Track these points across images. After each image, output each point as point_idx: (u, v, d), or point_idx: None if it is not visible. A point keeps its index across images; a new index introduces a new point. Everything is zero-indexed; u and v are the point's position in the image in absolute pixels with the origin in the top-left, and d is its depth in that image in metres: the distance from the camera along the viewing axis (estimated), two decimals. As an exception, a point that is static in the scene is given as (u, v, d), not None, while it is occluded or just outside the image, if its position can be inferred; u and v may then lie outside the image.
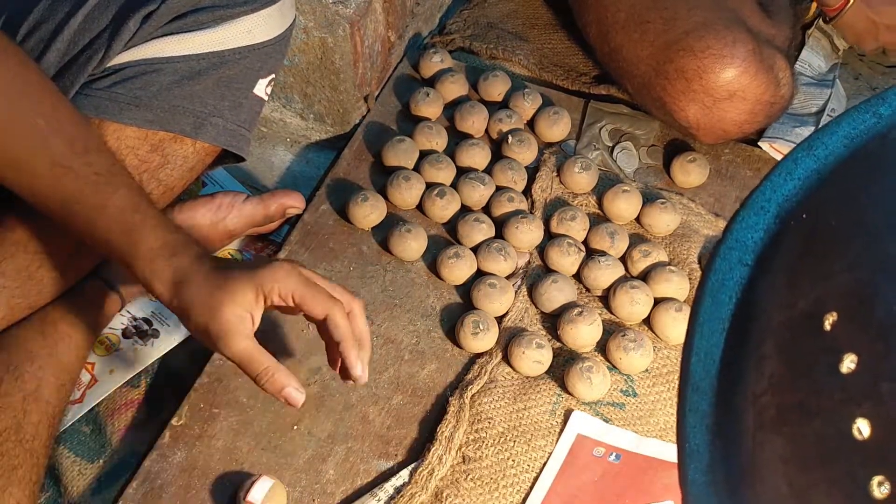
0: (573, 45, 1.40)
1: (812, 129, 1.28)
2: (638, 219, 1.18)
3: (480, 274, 1.10)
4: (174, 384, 1.04)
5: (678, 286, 1.09)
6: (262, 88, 1.03)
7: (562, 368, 1.03)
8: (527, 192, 1.20)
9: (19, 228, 0.93)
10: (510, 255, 1.11)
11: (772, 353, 0.37)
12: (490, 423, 0.99)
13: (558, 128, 1.26)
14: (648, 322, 1.08)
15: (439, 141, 1.23)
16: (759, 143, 1.27)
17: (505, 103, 1.30)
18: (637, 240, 1.16)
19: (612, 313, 1.09)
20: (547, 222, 1.16)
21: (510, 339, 1.04)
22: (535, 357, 1.02)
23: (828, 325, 0.35)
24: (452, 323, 1.07)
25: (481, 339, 1.04)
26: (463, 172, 1.19)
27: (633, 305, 1.07)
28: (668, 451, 0.98)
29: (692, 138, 1.24)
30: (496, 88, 1.30)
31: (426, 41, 1.42)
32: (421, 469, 0.95)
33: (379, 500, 0.94)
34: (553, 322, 1.08)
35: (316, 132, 1.33)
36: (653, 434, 1.00)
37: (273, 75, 1.04)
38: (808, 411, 0.34)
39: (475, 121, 1.25)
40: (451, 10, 1.48)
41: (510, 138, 1.23)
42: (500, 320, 1.08)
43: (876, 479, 0.31)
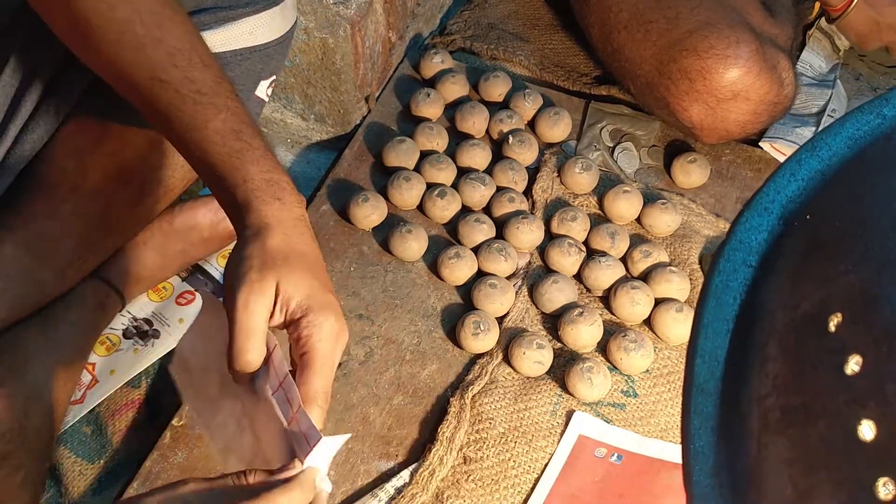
0: (574, 46, 1.40)
1: (813, 130, 1.28)
2: (638, 219, 1.18)
3: (481, 274, 1.10)
4: (174, 384, 1.04)
5: (679, 287, 1.09)
6: (264, 90, 1.02)
7: (562, 369, 1.03)
8: (527, 193, 1.20)
9: (21, 229, 0.93)
10: (511, 256, 1.11)
11: (776, 355, 0.36)
12: (491, 424, 0.99)
13: (559, 128, 1.26)
14: (649, 322, 1.08)
15: (440, 141, 1.23)
16: (760, 144, 1.27)
17: (505, 104, 1.30)
18: (638, 240, 1.16)
19: (613, 314, 1.09)
20: (547, 223, 1.16)
21: (511, 340, 1.04)
22: (536, 357, 1.02)
23: (832, 327, 0.35)
24: (453, 323, 1.07)
25: (482, 340, 1.04)
26: (463, 173, 1.19)
27: (634, 306, 1.07)
28: (670, 452, 0.98)
29: (694, 138, 1.24)
30: (497, 89, 1.30)
31: (427, 42, 1.42)
32: (422, 470, 0.95)
33: (379, 501, 0.94)
34: (554, 322, 1.08)
35: (317, 133, 1.33)
36: (654, 434, 1.00)
37: (274, 76, 1.03)
38: (813, 413, 0.34)
39: (476, 121, 1.25)
40: (452, 11, 1.48)
41: (511, 139, 1.23)
42: (501, 321, 1.08)
43: (881, 481, 0.31)
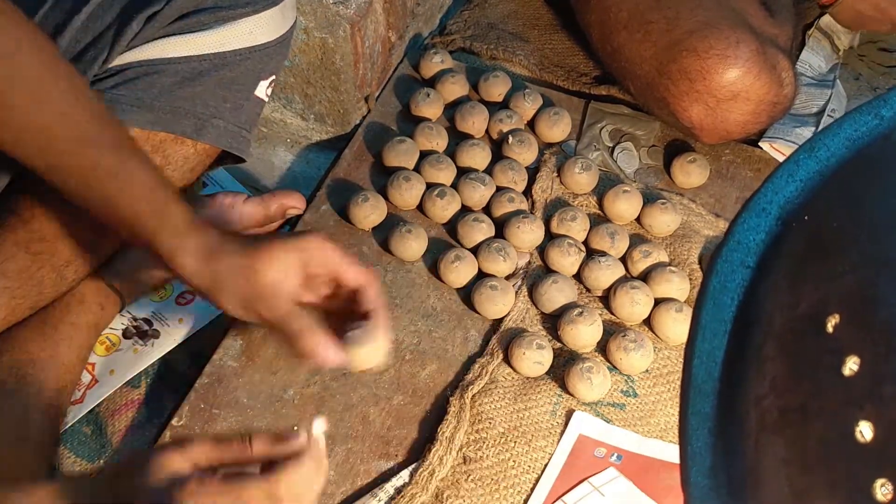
0: (574, 46, 1.40)
1: (812, 130, 1.28)
2: (638, 219, 1.18)
3: (481, 274, 1.10)
4: (174, 384, 1.04)
5: (678, 287, 1.09)
6: (263, 90, 1.03)
7: (562, 369, 1.03)
8: (527, 193, 1.20)
9: (21, 229, 0.93)
10: (510, 256, 1.11)
11: (774, 356, 0.37)
12: (491, 424, 0.99)
13: (559, 128, 1.26)
14: (649, 322, 1.08)
15: (440, 141, 1.23)
16: (760, 144, 1.27)
17: (505, 104, 1.30)
18: (637, 240, 1.16)
19: (613, 314, 1.09)
20: (547, 223, 1.16)
21: (511, 340, 1.04)
22: (536, 358, 1.02)
23: (830, 327, 0.35)
24: (454, 323, 1.08)
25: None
26: (463, 173, 1.19)
27: (634, 306, 1.07)
28: (670, 452, 0.98)
29: (694, 138, 1.24)
30: (496, 89, 1.30)
31: (427, 42, 1.42)
32: (421, 470, 0.95)
33: (379, 501, 0.94)
34: (553, 322, 1.08)
35: (316, 132, 1.33)
36: (653, 434, 1.00)
37: (274, 76, 1.04)
38: (811, 414, 0.34)
39: (475, 121, 1.25)
40: (452, 11, 1.48)
41: (510, 139, 1.23)
42: (501, 322, 1.08)
43: (879, 482, 0.31)
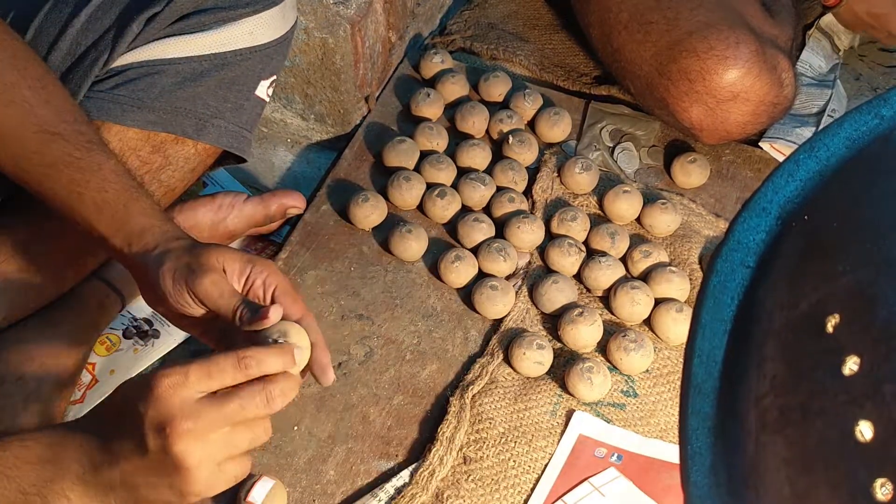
0: (574, 46, 1.40)
1: (813, 130, 1.28)
2: (638, 219, 1.18)
3: (481, 274, 1.10)
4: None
5: (679, 287, 1.09)
6: (264, 90, 1.03)
7: (562, 369, 1.03)
8: (527, 193, 1.20)
9: (20, 229, 0.93)
10: (510, 256, 1.11)
11: (774, 355, 0.37)
12: (491, 424, 0.99)
13: (559, 128, 1.26)
14: (649, 322, 1.08)
15: (440, 141, 1.23)
16: (760, 144, 1.27)
17: (505, 104, 1.30)
18: (638, 240, 1.16)
19: (613, 314, 1.09)
20: (547, 223, 1.16)
21: (511, 340, 1.04)
22: (536, 358, 1.02)
23: (830, 327, 0.35)
24: (454, 323, 1.08)
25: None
26: (463, 173, 1.19)
27: (634, 306, 1.07)
28: (670, 452, 0.98)
29: (694, 139, 1.24)
30: (497, 89, 1.30)
31: (427, 42, 1.42)
32: (422, 470, 0.95)
33: (379, 501, 0.94)
34: (554, 322, 1.08)
35: (317, 133, 1.33)
36: (654, 434, 1.00)
37: (275, 76, 1.04)
38: (811, 413, 0.34)
39: (476, 121, 1.25)
40: (452, 11, 1.48)
41: (511, 139, 1.23)
42: (501, 322, 1.08)
43: (879, 482, 0.31)
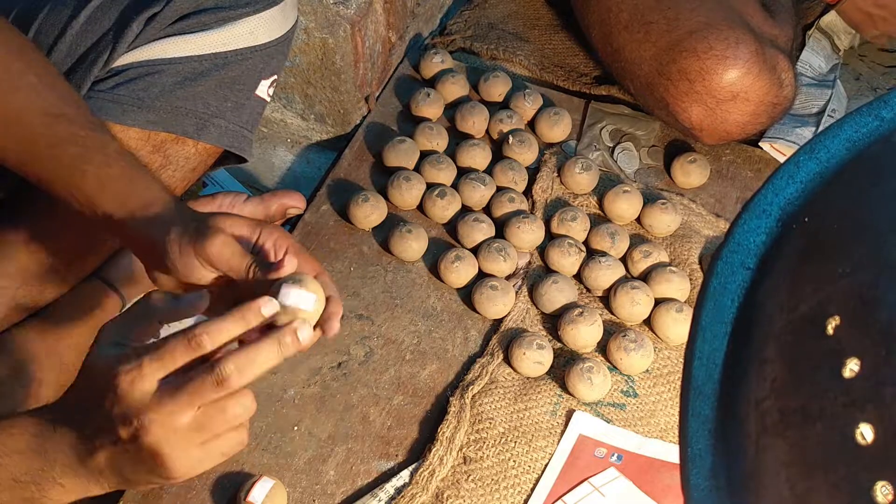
0: (574, 46, 1.40)
1: (813, 130, 1.28)
2: (638, 219, 1.18)
3: (481, 274, 1.10)
4: (175, 385, 1.04)
5: (679, 287, 1.09)
6: (265, 90, 1.03)
7: (562, 369, 1.03)
8: (527, 193, 1.20)
9: (21, 229, 0.93)
10: (510, 256, 1.11)
11: (774, 357, 0.36)
12: (491, 424, 0.99)
13: (559, 128, 1.26)
14: (649, 322, 1.08)
15: (440, 141, 1.23)
16: (760, 144, 1.27)
17: (505, 104, 1.30)
18: (638, 240, 1.16)
19: (613, 314, 1.09)
20: (547, 223, 1.16)
21: (511, 340, 1.04)
22: (536, 358, 1.02)
23: (830, 329, 0.35)
24: (454, 323, 1.08)
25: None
26: (463, 173, 1.19)
27: (634, 306, 1.07)
28: (671, 452, 0.98)
29: (694, 139, 1.24)
30: (497, 89, 1.30)
31: (427, 42, 1.42)
32: (422, 470, 0.95)
33: (379, 501, 0.94)
34: (554, 322, 1.08)
35: (317, 133, 1.33)
36: (653, 434, 1.00)
37: (275, 76, 1.04)
38: (811, 416, 0.34)
39: (476, 121, 1.25)
40: (452, 11, 1.48)
41: (511, 139, 1.23)
42: (501, 322, 1.08)
43: (879, 484, 0.31)
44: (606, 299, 1.10)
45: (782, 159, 1.23)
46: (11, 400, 0.90)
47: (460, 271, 1.09)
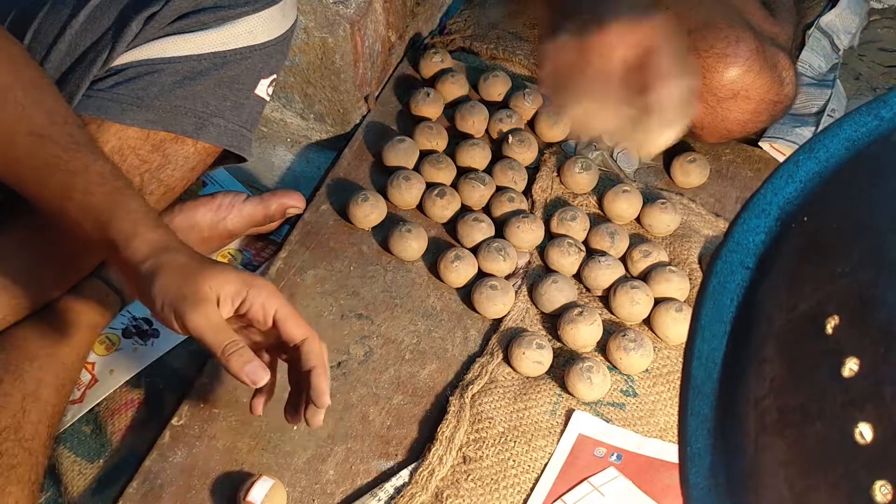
0: (574, 45, 1.40)
1: (812, 130, 1.28)
2: (638, 219, 1.18)
3: (481, 274, 1.10)
4: (174, 384, 1.04)
5: (678, 286, 1.09)
6: (264, 89, 1.02)
7: (562, 368, 1.03)
8: (527, 192, 1.20)
9: (20, 228, 0.93)
10: (510, 256, 1.11)
11: (773, 357, 0.36)
12: (490, 424, 0.99)
13: (559, 128, 1.26)
14: (649, 322, 1.08)
15: (439, 141, 1.23)
16: (760, 143, 1.27)
17: (505, 103, 1.30)
18: (637, 240, 1.16)
19: (613, 313, 1.09)
20: (547, 222, 1.16)
21: (511, 340, 1.04)
22: (536, 357, 1.02)
23: (829, 329, 0.35)
24: (454, 323, 1.08)
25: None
26: (463, 172, 1.19)
27: (634, 305, 1.07)
28: (670, 452, 0.98)
29: (695, 138, 1.24)
30: (496, 88, 1.30)
31: (426, 41, 1.41)
32: (421, 469, 0.95)
33: (379, 501, 0.94)
34: (553, 322, 1.08)
35: (316, 132, 1.33)
36: (653, 434, 1.00)
37: (275, 76, 1.04)
38: (810, 415, 0.34)
39: (475, 121, 1.25)
40: (452, 11, 1.48)
41: (510, 138, 1.23)
42: (501, 321, 1.08)
43: (878, 484, 0.31)
44: (606, 299, 1.10)
45: (782, 159, 1.23)
46: (11, 399, 0.90)
47: (460, 271, 1.09)
